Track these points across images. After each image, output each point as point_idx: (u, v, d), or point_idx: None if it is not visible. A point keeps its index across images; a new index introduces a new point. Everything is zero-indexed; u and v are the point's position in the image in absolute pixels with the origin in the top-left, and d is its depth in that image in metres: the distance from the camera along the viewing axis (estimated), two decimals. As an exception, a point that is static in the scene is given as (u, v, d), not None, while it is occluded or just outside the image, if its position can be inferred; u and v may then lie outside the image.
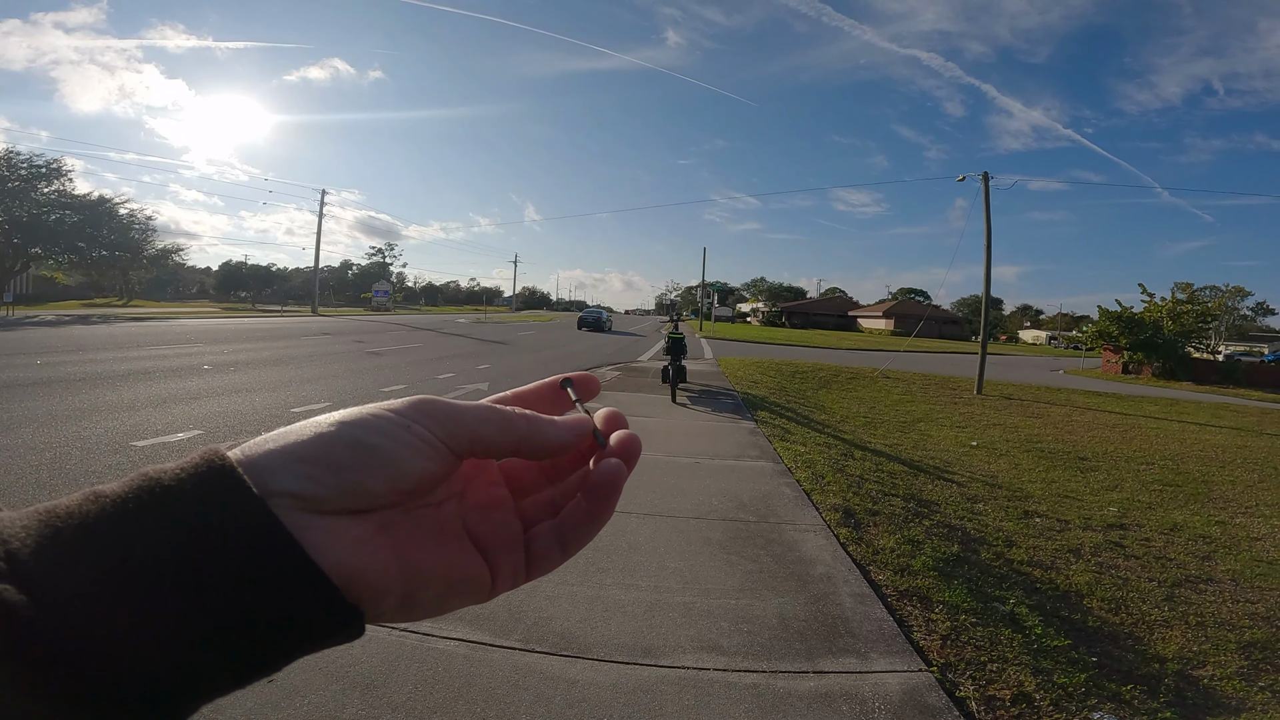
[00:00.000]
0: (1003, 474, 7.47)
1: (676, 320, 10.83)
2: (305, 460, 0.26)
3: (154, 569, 0.23)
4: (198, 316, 29.72)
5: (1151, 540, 5.15)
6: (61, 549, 0.22)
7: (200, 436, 5.73)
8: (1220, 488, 7.61)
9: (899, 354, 22.74)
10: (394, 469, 0.27)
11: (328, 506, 0.26)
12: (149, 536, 0.23)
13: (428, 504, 0.30)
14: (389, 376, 10.41)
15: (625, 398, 9.06)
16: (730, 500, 4.18)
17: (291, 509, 0.25)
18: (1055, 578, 3.89)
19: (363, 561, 0.26)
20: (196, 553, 0.23)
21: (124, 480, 0.25)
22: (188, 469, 0.25)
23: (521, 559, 0.32)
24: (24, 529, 0.22)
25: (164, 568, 0.23)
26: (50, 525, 0.23)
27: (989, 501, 5.83)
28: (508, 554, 0.32)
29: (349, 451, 0.27)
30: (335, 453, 0.27)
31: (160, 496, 0.24)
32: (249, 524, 0.24)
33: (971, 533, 4.58)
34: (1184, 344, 25.32)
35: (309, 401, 7.78)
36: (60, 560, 0.22)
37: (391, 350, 15.47)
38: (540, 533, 0.33)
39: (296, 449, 0.27)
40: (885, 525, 4.06)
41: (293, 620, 0.24)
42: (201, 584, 0.23)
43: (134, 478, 0.25)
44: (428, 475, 0.28)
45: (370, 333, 22.64)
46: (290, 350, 14.10)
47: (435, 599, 0.29)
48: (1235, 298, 74.40)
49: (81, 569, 0.22)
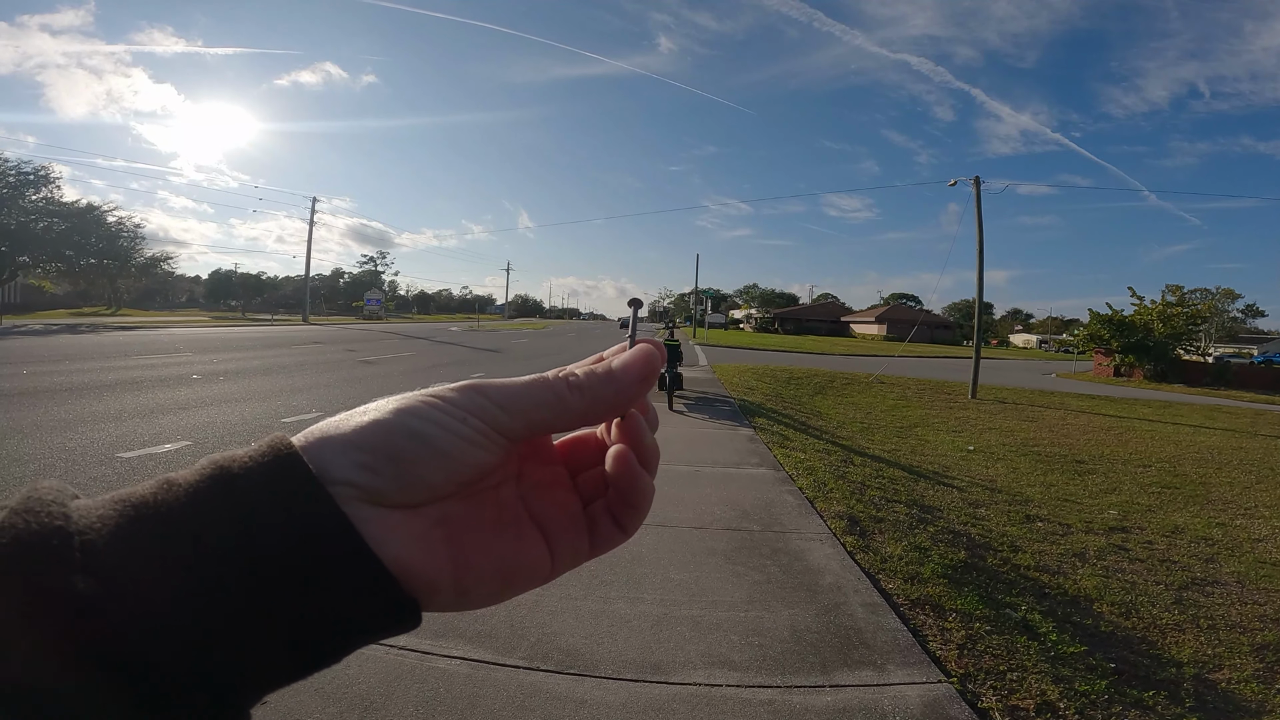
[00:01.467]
0: (1001, 478, 7.46)
1: (671, 327, 10.75)
2: (364, 449, 0.26)
3: (224, 558, 0.23)
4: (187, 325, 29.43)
5: (1154, 543, 5.15)
6: (137, 539, 0.22)
7: (188, 448, 5.61)
8: (1218, 489, 7.62)
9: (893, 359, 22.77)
10: (452, 460, 0.27)
11: (386, 499, 0.26)
12: (221, 526, 0.23)
13: (485, 488, 0.30)
14: (382, 386, 10.28)
15: (622, 405, 8.97)
16: (733, 509, 4.09)
17: (352, 499, 0.25)
18: (1063, 582, 3.86)
19: (419, 557, 0.26)
20: (265, 543, 0.23)
21: (194, 468, 0.25)
22: (255, 458, 0.25)
23: (584, 538, 0.32)
24: (99, 518, 0.22)
25: (234, 557, 0.23)
26: (124, 514, 0.23)
27: (990, 506, 5.81)
28: (569, 534, 0.32)
29: (408, 442, 0.26)
30: (394, 442, 0.26)
31: (229, 485, 0.24)
32: (315, 515, 0.24)
33: (976, 538, 4.53)
34: (1174, 346, 25.48)
35: (300, 411, 7.65)
36: (135, 550, 0.22)
37: (383, 359, 15.32)
38: (599, 509, 0.32)
39: (355, 437, 0.26)
40: (891, 532, 3.99)
41: (354, 612, 0.24)
42: (270, 575, 0.23)
43: (204, 466, 0.25)
44: (485, 465, 0.28)
45: (362, 341, 22.47)
46: (280, 359, 13.93)
47: (491, 591, 0.29)
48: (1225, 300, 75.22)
49: (155, 559, 0.22)
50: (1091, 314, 26.75)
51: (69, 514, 0.22)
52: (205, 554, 0.23)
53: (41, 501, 0.22)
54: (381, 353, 17.30)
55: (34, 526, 0.21)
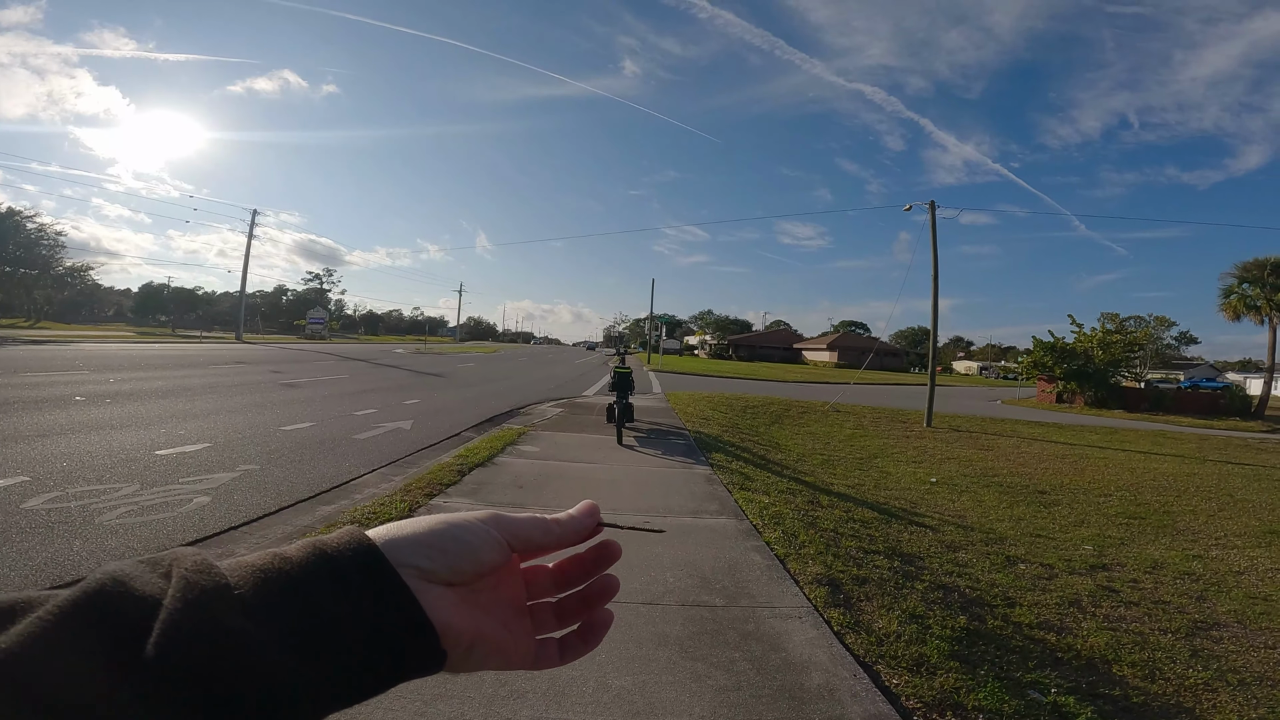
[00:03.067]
0: (970, 513, 7.13)
1: (623, 354, 10.03)
2: (423, 545, 0.38)
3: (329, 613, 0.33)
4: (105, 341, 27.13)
5: (1139, 581, 5.01)
6: (271, 596, 0.32)
7: (25, 484, 4.57)
8: (1183, 518, 7.55)
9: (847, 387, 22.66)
10: (478, 556, 0.39)
11: (436, 578, 0.38)
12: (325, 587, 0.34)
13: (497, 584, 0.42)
14: (296, 412, 9.19)
15: (566, 439, 8.16)
16: (690, 574, 3.34)
17: (414, 577, 0.37)
18: (1073, 643, 3.46)
19: (453, 619, 0.37)
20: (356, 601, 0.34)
21: (298, 546, 0.36)
22: (346, 542, 0.37)
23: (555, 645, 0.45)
24: (239, 579, 0.32)
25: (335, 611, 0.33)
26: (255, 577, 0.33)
27: (968, 549, 5.39)
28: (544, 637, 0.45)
29: (452, 543, 0.39)
30: (443, 542, 0.39)
31: (328, 559, 0.35)
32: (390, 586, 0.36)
33: (967, 593, 3.99)
34: (1113, 373, 26.29)
35: (182, 442, 6.59)
36: (272, 604, 0.32)
37: (311, 382, 14.08)
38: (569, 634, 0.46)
39: (419, 537, 0.38)
40: (878, 597, 3.33)
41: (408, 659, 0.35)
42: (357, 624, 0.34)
43: (305, 545, 0.36)
44: (496, 563, 0.41)
45: (294, 362, 20.97)
46: (189, 380, 12.57)
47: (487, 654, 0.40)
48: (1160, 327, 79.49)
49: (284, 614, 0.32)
50: (1035, 341, 27.42)
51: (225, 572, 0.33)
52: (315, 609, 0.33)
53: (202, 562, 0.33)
54: (311, 375, 16.00)
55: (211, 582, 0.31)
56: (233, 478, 5.41)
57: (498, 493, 5.05)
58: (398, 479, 5.62)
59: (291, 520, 4.45)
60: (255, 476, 5.50)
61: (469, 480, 5.40)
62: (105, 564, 0.30)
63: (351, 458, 6.56)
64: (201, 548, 3.51)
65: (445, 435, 8.29)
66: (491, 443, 7.18)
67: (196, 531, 4.07)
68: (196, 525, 4.19)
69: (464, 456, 6.25)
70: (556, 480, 5.64)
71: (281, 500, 4.89)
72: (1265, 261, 24.69)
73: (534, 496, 5.03)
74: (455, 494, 4.91)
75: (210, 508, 4.57)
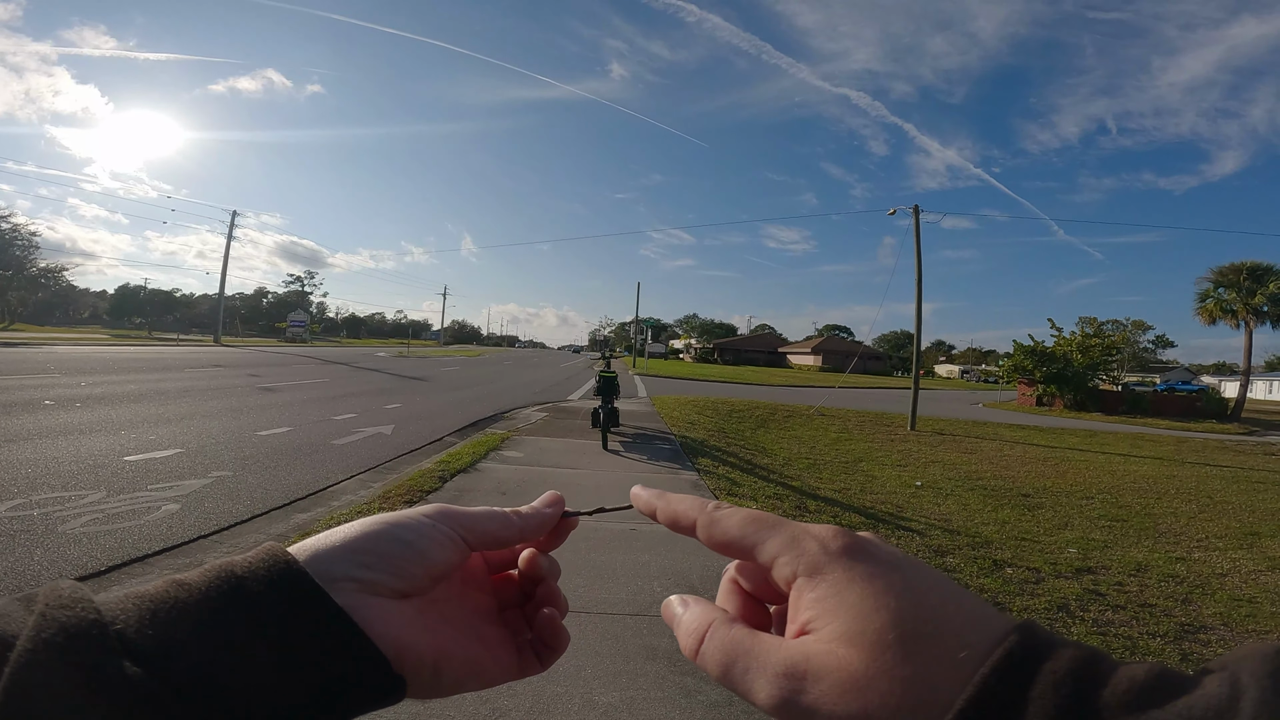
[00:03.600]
0: (955, 517, 7.13)
1: (609, 358, 9.93)
2: (358, 551, 0.32)
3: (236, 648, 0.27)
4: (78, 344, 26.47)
5: (1125, 584, 5.01)
6: (159, 629, 0.26)
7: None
8: (1164, 520, 7.60)
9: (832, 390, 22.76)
10: (427, 557, 0.34)
11: (381, 590, 0.32)
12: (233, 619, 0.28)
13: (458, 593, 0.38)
14: (273, 417, 8.98)
15: (551, 444, 8.05)
16: (677, 583, 3.24)
17: (353, 591, 0.31)
18: None
19: (405, 637, 0.31)
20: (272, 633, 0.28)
21: (201, 571, 0.29)
22: (258, 561, 0.30)
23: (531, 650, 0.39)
24: (123, 611, 0.26)
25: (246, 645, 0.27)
26: (144, 609, 0.27)
27: (956, 553, 5.38)
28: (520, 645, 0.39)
29: (393, 544, 0.33)
30: (382, 545, 0.33)
31: (238, 585, 0.29)
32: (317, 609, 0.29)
33: None
34: (1092, 376, 26.68)
35: (153, 448, 6.40)
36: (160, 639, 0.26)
37: (290, 386, 13.83)
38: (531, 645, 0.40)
39: (351, 544, 0.33)
40: (868, 606, 3.28)
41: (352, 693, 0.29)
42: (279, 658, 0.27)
43: (210, 569, 0.30)
44: (450, 562, 0.35)
45: (272, 365, 20.60)
46: (163, 384, 12.28)
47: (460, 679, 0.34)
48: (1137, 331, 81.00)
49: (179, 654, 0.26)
50: (1015, 345, 27.75)
51: (99, 607, 0.26)
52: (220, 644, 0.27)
53: (71, 597, 0.26)
54: (290, 378, 15.72)
55: (75, 619, 0.25)
56: (204, 484, 5.24)
57: (480, 499, 4.94)
58: (377, 485, 5.49)
59: (265, 528, 4.31)
60: (228, 483, 5.34)
61: (450, 486, 5.28)
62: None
63: (330, 463, 6.40)
64: (169, 557, 3.34)
65: (427, 440, 8.15)
66: (474, 448, 7.06)
67: (163, 540, 3.92)
68: (164, 534, 4.03)
69: (446, 462, 6.13)
70: (539, 486, 5.54)
71: (255, 507, 4.74)
72: (1240, 266, 25.18)
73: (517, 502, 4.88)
74: (436, 500, 4.79)
75: (179, 515, 4.41)
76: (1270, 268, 24.73)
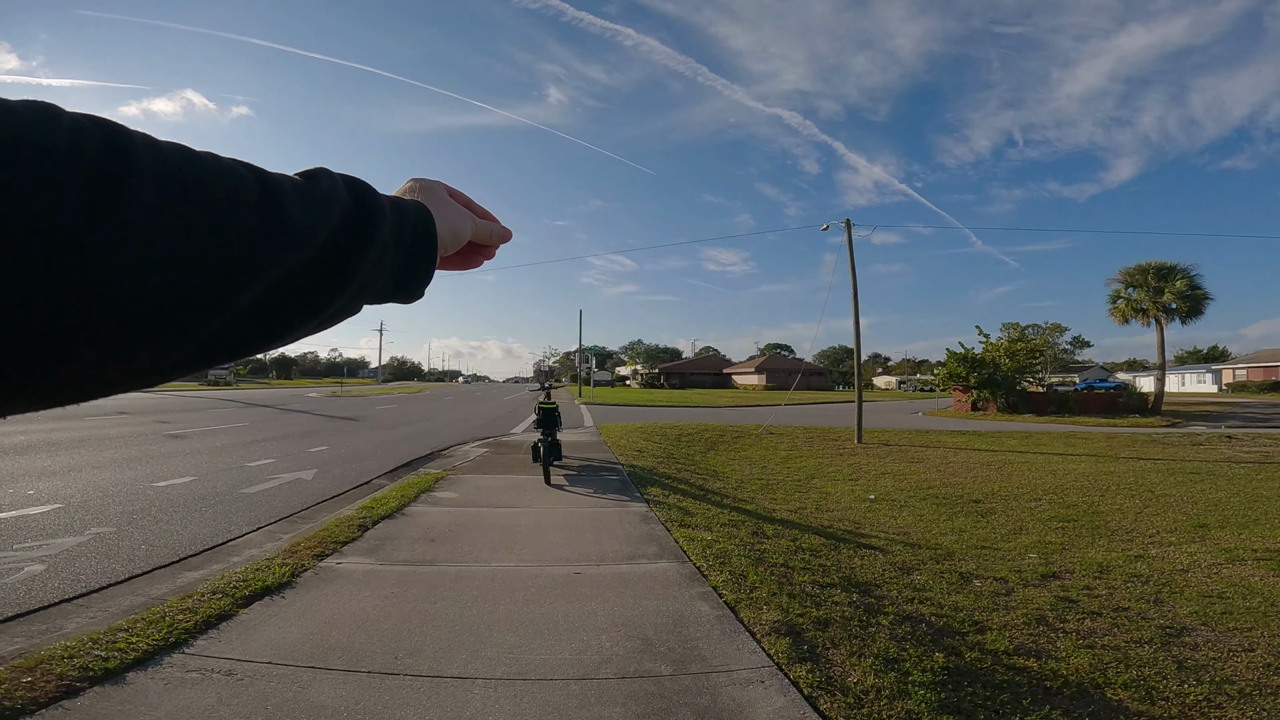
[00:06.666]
0: (913, 529, 6.99)
1: (548, 388, 9.42)
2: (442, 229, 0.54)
3: (410, 220, 0.49)
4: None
5: (1093, 588, 4.94)
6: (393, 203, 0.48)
7: None
8: (1112, 518, 7.66)
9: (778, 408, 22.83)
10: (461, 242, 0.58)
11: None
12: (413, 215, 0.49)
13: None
14: (176, 466, 8.05)
15: (489, 482, 7.47)
16: (629, 636, 2.80)
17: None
18: (1057, 668, 3.21)
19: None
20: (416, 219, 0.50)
21: (409, 197, 0.52)
22: (416, 203, 0.51)
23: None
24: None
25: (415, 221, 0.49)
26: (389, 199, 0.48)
27: (920, 570, 5.17)
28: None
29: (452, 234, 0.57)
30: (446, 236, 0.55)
31: (407, 208, 0.49)
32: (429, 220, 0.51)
33: (934, 621, 3.68)
34: (1020, 380, 27.77)
35: (28, 504, 5.66)
36: (396, 207, 0.47)
37: (201, 432, 12.65)
38: None
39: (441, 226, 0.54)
40: (845, 642, 2.92)
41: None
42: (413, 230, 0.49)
43: (409, 196, 0.53)
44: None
45: (186, 410, 19.06)
46: (56, 434, 10.97)
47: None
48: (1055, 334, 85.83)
49: (398, 214, 0.47)
50: (949, 353, 28.67)
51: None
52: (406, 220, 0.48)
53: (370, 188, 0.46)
54: (204, 424, 14.45)
55: (375, 195, 0.45)
56: (78, 542, 4.52)
57: (404, 548, 4.36)
58: (286, 537, 4.82)
59: (143, 590, 3.65)
60: (107, 540, 4.62)
61: (372, 535, 4.67)
62: None
63: (235, 514, 5.67)
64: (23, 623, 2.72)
65: (353, 484, 7.43)
66: (403, 490, 6.43)
67: (16, 606, 3.27)
68: (20, 598, 3.41)
69: (369, 508, 5.50)
70: (473, 530, 4.99)
71: (135, 567, 4.07)
72: (1147, 266, 26.80)
73: (447, 550, 4.35)
74: (353, 552, 4.19)
75: (42, 578, 3.77)
76: (1174, 267, 26.43)
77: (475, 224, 0.57)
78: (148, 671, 2.32)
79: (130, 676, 2.27)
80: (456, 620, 2.93)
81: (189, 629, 2.67)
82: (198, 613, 2.84)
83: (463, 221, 0.55)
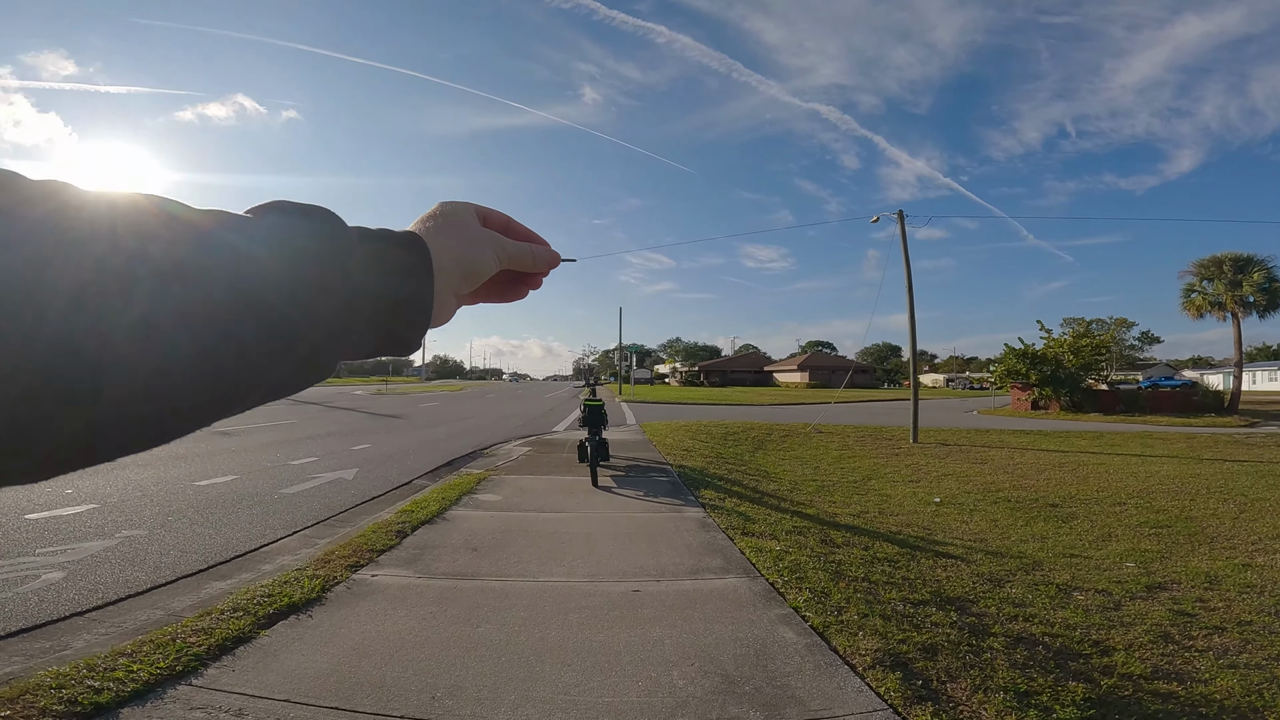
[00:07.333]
0: (989, 535, 6.44)
1: (594, 385, 9.10)
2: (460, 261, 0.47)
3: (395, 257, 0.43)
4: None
5: (1207, 600, 4.49)
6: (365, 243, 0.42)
7: None
8: (1208, 524, 7.03)
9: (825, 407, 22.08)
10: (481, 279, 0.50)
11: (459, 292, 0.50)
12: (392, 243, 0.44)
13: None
14: (219, 465, 8.01)
15: (533, 483, 7.14)
16: (706, 672, 2.36)
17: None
18: (1206, 692, 2.78)
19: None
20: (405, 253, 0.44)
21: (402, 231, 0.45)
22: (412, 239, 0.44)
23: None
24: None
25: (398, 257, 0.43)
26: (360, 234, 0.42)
27: (1012, 582, 4.68)
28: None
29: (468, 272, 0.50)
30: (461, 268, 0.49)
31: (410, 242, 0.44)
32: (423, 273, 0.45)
33: (1049, 643, 3.23)
34: (1085, 377, 26.26)
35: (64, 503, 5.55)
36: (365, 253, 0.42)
37: (248, 429, 12.76)
38: None
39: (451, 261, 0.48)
40: (964, 674, 2.44)
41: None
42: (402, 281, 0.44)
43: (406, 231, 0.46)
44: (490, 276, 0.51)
45: (238, 413, 19.39)
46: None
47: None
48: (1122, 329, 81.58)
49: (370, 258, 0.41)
50: (1006, 349, 27.31)
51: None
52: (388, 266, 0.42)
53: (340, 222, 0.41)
54: (250, 420, 14.62)
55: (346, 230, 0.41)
56: (105, 546, 4.35)
57: (444, 558, 4.03)
58: (322, 543, 4.57)
59: (163, 602, 3.40)
60: (137, 544, 4.45)
61: (410, 543, 4.37)
62: None
63: (273, 517, 5.48)
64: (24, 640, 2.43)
65: (395, 484, 7.23)
66: (445, 492, 6.15)
67: (24, 619, 3.06)
68: (30, 610, 3.19)
69: (409, 512, 5.22)
70: (519, 538, 4.63)
71: (160, 576, 3.86)
72: (1222, 258, 25.07)
73: (491, 562, 4.00)
74: (389, 563, 3.89)
75: (58, 587, 3.58)
76: (1251, 258, 24.68)
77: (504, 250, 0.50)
78: (145, 708, 2.01)
79: (124, 714, 1.97)
80: (502, 649, 2.56)
81: (200, 654, 2.37)
82: (213, 634, 2.55)
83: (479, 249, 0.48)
